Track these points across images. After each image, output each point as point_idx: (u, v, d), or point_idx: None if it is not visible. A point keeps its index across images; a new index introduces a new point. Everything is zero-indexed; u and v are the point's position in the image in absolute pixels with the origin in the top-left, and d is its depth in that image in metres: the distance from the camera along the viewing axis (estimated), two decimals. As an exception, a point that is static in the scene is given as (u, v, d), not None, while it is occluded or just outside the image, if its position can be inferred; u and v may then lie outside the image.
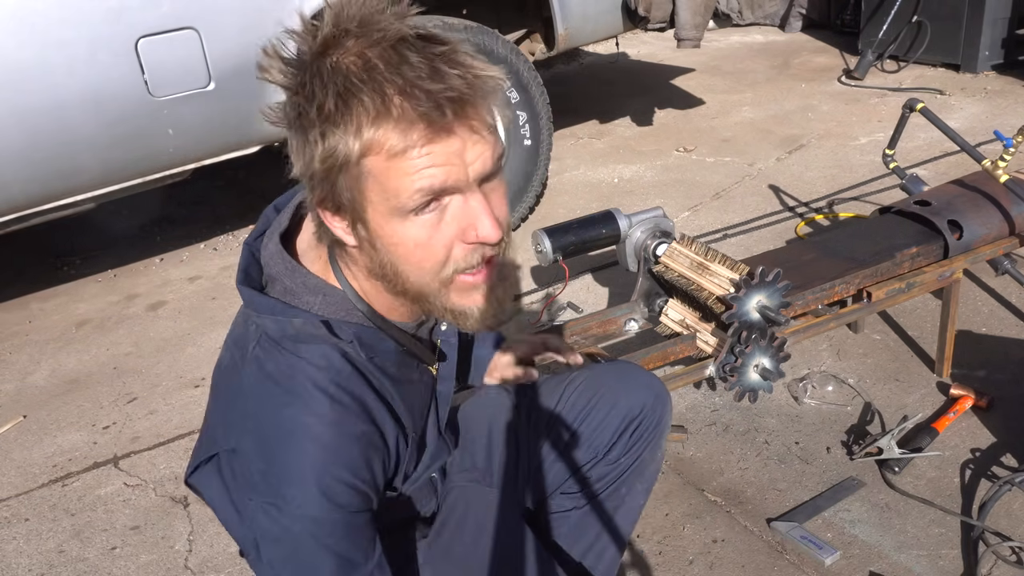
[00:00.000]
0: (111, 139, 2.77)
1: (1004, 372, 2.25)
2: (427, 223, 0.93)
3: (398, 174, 0.90)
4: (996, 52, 4.91)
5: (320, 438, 0.97)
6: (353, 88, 0.87)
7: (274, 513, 0.98)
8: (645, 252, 1.87)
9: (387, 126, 0.87)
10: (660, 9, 3.65)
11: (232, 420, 1.04)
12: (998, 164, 2.04)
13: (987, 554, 1.69)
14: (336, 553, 0.99)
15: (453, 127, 0.89)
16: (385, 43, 0.88)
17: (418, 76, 0.87)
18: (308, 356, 0.99)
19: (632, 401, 1.39)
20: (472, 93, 0.90)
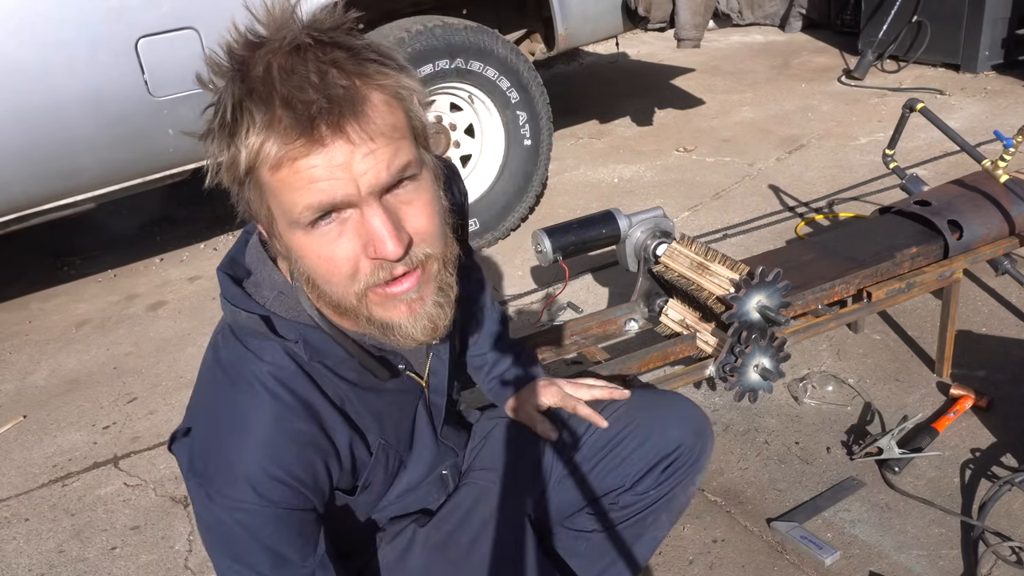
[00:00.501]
0: (111, 139, 2.77)
1: (1004, 372, 2.25)
2: (327, 236, 0.90)
3: (286, 188, 0.88)
4: (996, 52, 4.91)
5: (255, 432, 0.98)
6: (247, 98, 0.86)
7: (206, 500, 0.98)
8: (645, 252, 1.87)
9: (270, 138, 0.85)
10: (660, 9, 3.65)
11: (193, 401, 1.07)
12: (998, 164, 2.04)
13: (987, 554, 1.69)
14: (267, 547, 1.00)
15: (333, 139, 0.85)
16: (284, 50, 0.86)
17: (302, 85, 0.84)
18: (256, 350, 1.00)
19: (669, 436, 1.34)
20: (357, 101, 0.86)
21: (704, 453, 1.38)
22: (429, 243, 0.95)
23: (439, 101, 3.36)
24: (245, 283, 1.05)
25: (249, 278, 1.06)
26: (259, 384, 0.99)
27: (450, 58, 3.18)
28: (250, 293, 1.04)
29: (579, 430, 1.38)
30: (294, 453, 0.99)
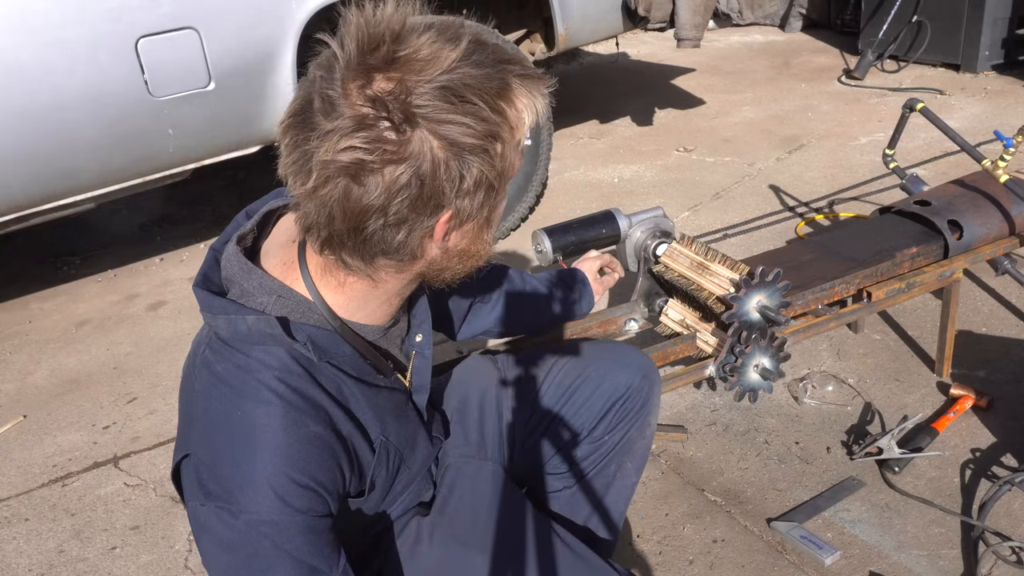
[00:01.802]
0: (111, 139, 2.77)
1: (1004, 372, 2.25)
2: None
3: (504, 195, 0.97)
4: (996, 52, 4.91)
5: (272, 439, 0.94)
6: (502, 126, 0.91)
7: (227, 518, 0.94)
8: (645, 252, 1.87)
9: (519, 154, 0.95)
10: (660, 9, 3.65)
11: (187, 424, 1.02)
12: (998, 164, 2.04)
13: (987, 554, 1.69)
14: (297, 559, 0.95)
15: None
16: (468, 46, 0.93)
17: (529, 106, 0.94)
18: (258, 356, 0.97)
19: (618, 380, 1.39)
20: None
21: (653, 393, 1.44)
22: None
23: (439, 101, 3.35)
24: (229, 295, 1.02)
25: (230, 290, 1.03)
26: (268, 391, 0.96)
27: (450, 58, 3.18)
28: (240, 302, 1.00)
29: (537, 382, 1.40)
30: (314, 457, 0.97)
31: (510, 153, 0.91)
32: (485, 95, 0.86)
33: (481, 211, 0.94)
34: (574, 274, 1.65)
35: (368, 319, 1.05)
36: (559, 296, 1.59)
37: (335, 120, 0.84)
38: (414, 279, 1.03)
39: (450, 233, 0.95)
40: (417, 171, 0.86)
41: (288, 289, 1.00)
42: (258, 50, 2.92)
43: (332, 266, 0.98)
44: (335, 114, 0.85)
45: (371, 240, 0.92)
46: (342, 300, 1.01)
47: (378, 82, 0.84)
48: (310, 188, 0.88)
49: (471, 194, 0.91)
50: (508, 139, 0.90)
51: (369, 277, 0.98)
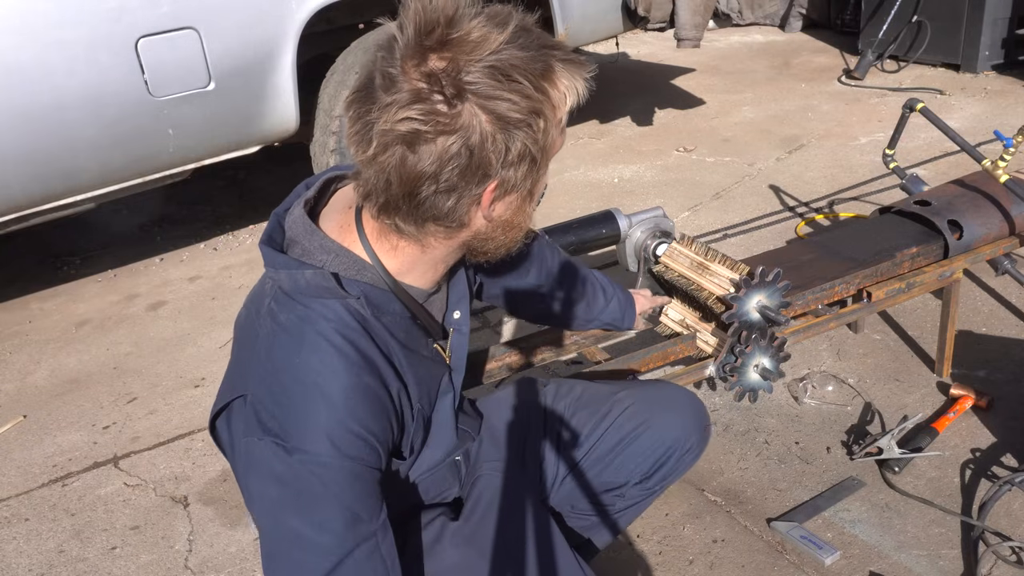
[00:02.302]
0: (111, 139, 2.77)
1: (1004, 372, 2.25)
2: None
3: (546, 171, 1.04)
4: (996, 52, 4.91)
5: (329, 388, 1.00)
6: (544, 104, 0.98)
7: (282, 454, 0.99)
8: (645, 252, 1.87)
9: (563, 108, 1.01)
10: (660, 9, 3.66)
11: (247, 368, 1.08)
12: (998, 164, 2.04)
13: (987, 554, 1.69)
14: (342, 502, 1.00)
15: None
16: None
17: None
18: (317, 309, 1.03)
19: (680, 435, 1.43)
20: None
21: (705, 447, 1.49)
22: None
23: (439, 101, 3.35)
24: (290, 252, 1.09)
25: (291, 249, 1.10)
26: (326, 341, 1.01)
27: (450, 58, 3.17)
28: (301, 260, 1.08)
29: (595, 422, 1.44)
30: (368, 408, 1.02)
31: (552, 130, 0.99)
32: (530, 75, 0.95)
33: (524, 183, 1.01)
34: (626, 291, 1.73)
35: (416, 282, 1.12)
36: (616, 306, 1.67)
37: (394, 94, 0.93)
38: (460, 247, 1.10)
39: (495, 202, 1.02)
40: (466, 142, 0.94)
41: (345, 249, 1.07)
42: (258, 50, 2.92)
43: (387, 230, 1.05)
44: (394, 89, 0.93)
45: (423, 205, 0.99)
46: (394, 263, 1.08)
47: (433, 61, 0.92)
48: (370, 155, 0.96)
49: (515, 165, 0.98)
50: (550, 117, 0.98)
51: (419, 242, 1.06)
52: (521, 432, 1.43)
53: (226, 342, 2.85)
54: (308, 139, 3.31)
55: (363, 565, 1.01)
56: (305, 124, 3.21)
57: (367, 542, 1.01)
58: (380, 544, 1.03)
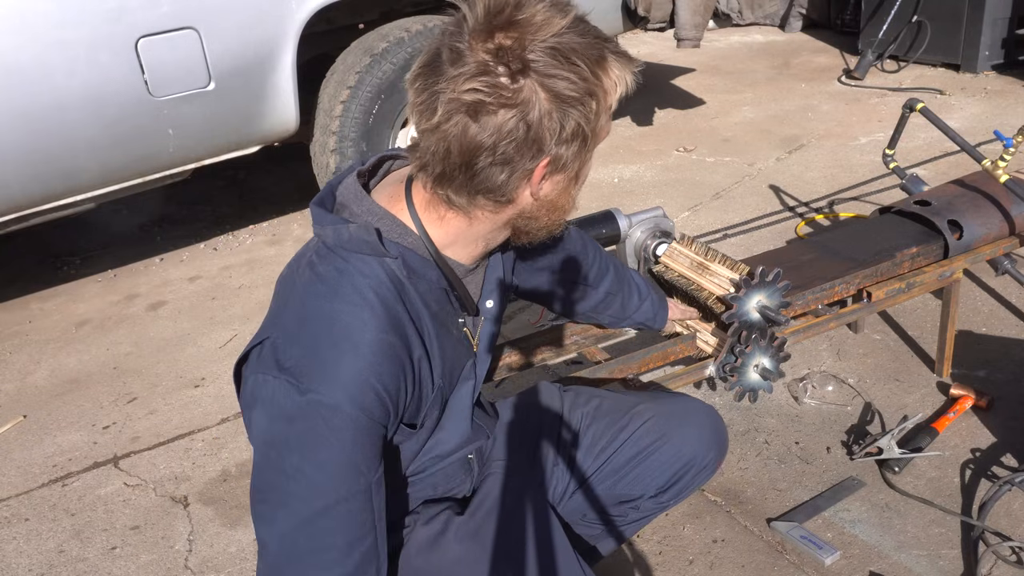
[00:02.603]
0: (111, 139, 2.77)
1: (1004, 372, 2.25)
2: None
3: (592, 155, 1.09)
4: (996, 52, 4.91)
5: (354, 339, 1.03)
6: (598, 87, 1.04)
7: (294, 393, 1.01)
8: (645, 252, 1.87)
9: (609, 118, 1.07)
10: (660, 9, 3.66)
11: (279, 313, 1.11)
12: (998, 164, 2.04)
13: (987, 554, 1.69)
14: (344, 449, 1.02)
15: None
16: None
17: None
18: (356, 264, 1.07)
19: (698, 451, 1.44)
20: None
21: (721, 463, 1.50)
22: None
23: (439, 101, 3.35)
24: (339, 214, 1.14)
25: (339, 213, 1.14)
26: (359, 295, 1.05)
27: (450, 58, 3.17)
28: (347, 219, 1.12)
29: (612, 434, 1.44)
30: (387, 366, 1.05)
31: (603, 115, 1.05)
32: (586, 59, 1.00)
33: (573, 163, 1.06)
34: (661, 293, 1.75)
35: (456, 255, 1.15)
36: (650, 306, 1.70)
37: (461, 67, 0.98)
38: (505, 225, 1.13)
39: (544, 180, 1.06)
40: (525, 116, 0.99)
41: (391, 215, 1.11)
42: (258, 50, 2.92)
43: (436, 201, 1.09)
44: (461, 62, 0.98)
45: (478, 176, 1.03)
46: (439, 233, 1.12)
47: (499, 39, 0.98)
48: (434, 123, 1.00)
49: (568, 143, 1.03)
50: (602, 100, 1.04)
51: (467, 215, 1.09)
52: (536, 437, 1.43)
53: (226, 342, 2.85)
54: (308, 139, 3.31)
55: (353, 511, 1.04)
56: (305, 124, 3.21)
57: (361, 492, 1.04)
58: (372, 497, 1.06)
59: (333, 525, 1.03)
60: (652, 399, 1.51)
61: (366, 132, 3.15)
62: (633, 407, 1.46)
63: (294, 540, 1.03)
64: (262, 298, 3.14)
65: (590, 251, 1.56)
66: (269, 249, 3.57)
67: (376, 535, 1.07)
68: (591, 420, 1.46)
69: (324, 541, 1.03)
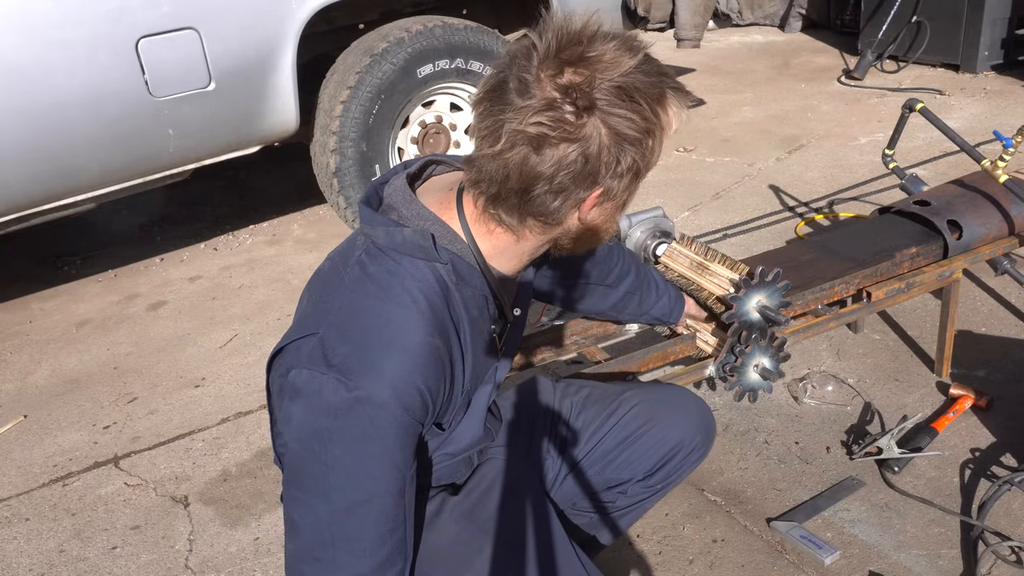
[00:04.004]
0: (111, 139, 2.77)
1: (1004, 372, 2.25)
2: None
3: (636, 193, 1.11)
4: (996, 52, 4.92)
5: (404, 340, 1.06)
6: (656, 127, 1.06)
7: (341, 389, 1.04)
8: (645, 252, 1.87)
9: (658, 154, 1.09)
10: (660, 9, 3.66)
11: (325, 310, 1.12)
12: (997, 164, 2.04)
13: (987, 554, 1.69)
14: (386, 446, 1.05)
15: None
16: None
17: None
18: (407, 266, 1.10)
19: (684, 435, 1.46)
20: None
21: (710, 449, 1.52)
22: None
23: (439, 101, 3.36)
24: (385, 214, 1.16)
25: (387, 214, 1.15)
26: (409, 297, 1.08)
27: (450, 58, 3.18)
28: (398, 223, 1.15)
29: (601, 420, 1.47)
30: (432, 367, 1.08)
31: (658, 149, 1.09)
32: (648, 98, 1.03)
33: (624, 194, 1.09)
34: (676, 290, 1.78)
35: (501, 267, 1.18)
36: (667, 302, 1.73)
37: (528, 100, 1.00)
38: (549, 242, 1.16)
39: (595, 208, 1.09)
40: (585, 151, 1.02)
41: (441, 220, 1.14)
42: (258, 50, 2.92)
43: (487, 217, 1.12)
44: (528, 95, 1.00)
45: (533, 203, 1.07)
46: (487, 245, 1.15)
47: (568, 74, 1.00)
48: (497, 151, 1.03)
49: (621, 177, 1.06)
50: (659, 137, 1.07)
51: (515, 233, 1.12)
52: (528, 426, 1.46)
53: (226, 342, 2.85)
54: (308, 139, 3.31)
55: (388, 506, 1.07)
56: (305, 124, 3.21)
57: (397, 488, 1.07)
58: (406, 492, 1.09)
59: (368, 517, 1.06)
60: (641, 387, 1.54)
61: (366, 132, 3.15)
62: (621, 394, 1.49)
63: (328, 527, 1.06)
64: (262, 298, 3.14)
65: (615, 254, 1.60)
66: (269, 249, 3.57)
67: (406, 528, 1.10)
68: (581, 408, 1.48)
69: (358, 532, 1.06)
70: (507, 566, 1.23)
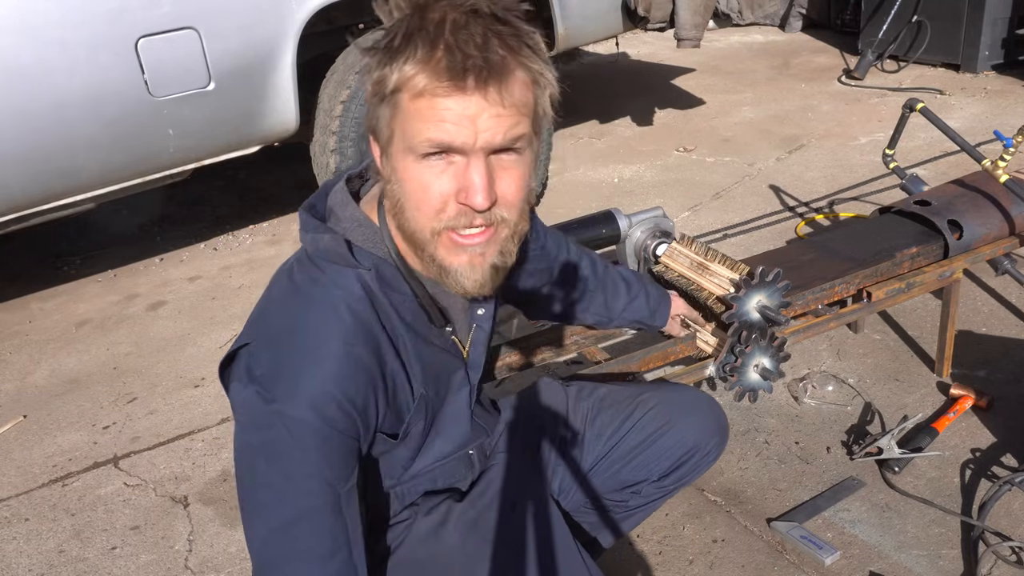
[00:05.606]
0: (111, 139, 2.77)
1: (1004, 372, 2.25)
2: (432, 169, 1.01)
3: (418, 117, 0.98)
4: (996, 52, 4.91)
5: (323, 351, 1.03)
6: (418, 33, 0.97)
7: (261, 402, 1.02)
8: (645, 252, 1.87)
9: (423, 71, 0.97)
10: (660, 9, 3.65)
11: (255, 320, 1.12)
12: (998, 164, 2.04)
13: (987, 554, 1.69)
14: (308, 459, 1.02)
15: (474, 93, 0.96)
16: (463, 9, 0.98)
17: (467, 41, 0.96)
18: (331, 274, 1.07)
19: (700, 437, 1.45)
20: (505, 71, 0.98)
21: (722, 450, 1.51)
22: (509, 210, 1.05)
23: (439, 101, 3.35)
24: (329, 221, 1.14)
25: (329, 220, 1.14)
26: (331, 307, 1.05)
27: (450, 58, 3.17)
28: (330, 226, 1.12)
29: (618, 428, 1.45)
30: (354, 378, 1.05)
31: (392, 81, 1.01)
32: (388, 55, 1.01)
33: (386, 130, 1.04)
34: (661, 291, 1.69)
35: (421, 269, 1.13)
36: (642, 304, 1.64)
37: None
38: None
39: (382, 157, 1.07)
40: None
41: (370, 221, 1.12)
42: (258, 50, 2.92)
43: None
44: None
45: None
46: (403, 244, 1.11)
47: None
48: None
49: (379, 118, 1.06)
50: (389, 77, 1.01)
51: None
52: (540, 430, 1.44)
53: (226, 342, 2.85)
54: (308, 139, 3.30)
55: (323, 523, 1.04)
56: (305, 124, 3.21)
57: (330, 503, 1.04)
58: (344, 508, 1.05)
59: (303, 536, 1.03)
60: (655, 388, 1.53)
61: (366, 132, 3.14)
62: (638, 396, 1.48)
63: (270, 548, 1.04)
64: (262, 298, 3.14)
65: (555, 249, 1.51)
66: (269, 249, 3.57)
67: (351, 548, 1.06)
68: (597, 411, 1.47)
69: (297, 550, 1.03)
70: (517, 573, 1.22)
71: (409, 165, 1.01)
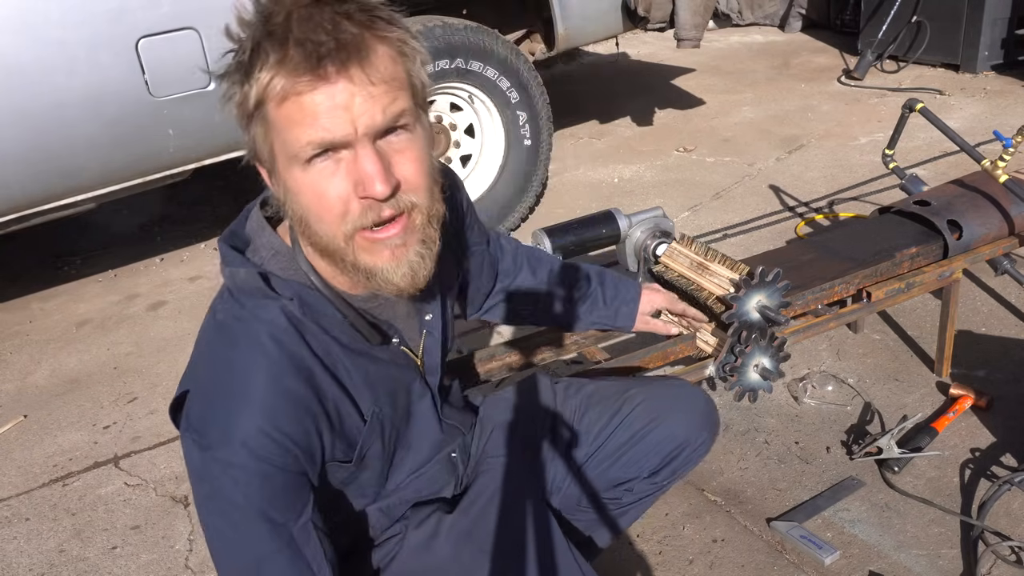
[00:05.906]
0: (111, 139, 2.77)
1: (1004, 372, 2.25)
2: (322, 173, 0.95)
3: (289, 123, 0.93)
4: (996, 52, 4.91)
5: (250, 389, 0.99)
6: (264, 40, 0.92)
7: (197, 450, 1.00)
8: (645, 252, 1.87)
9: (279, 73, 0.91)
10: (660, 9, 3.65)
11: (190, 363, 1.09)
12: (997, 164, 2.04)
13: (987, 554, 1.69)
14: (251, 503, 0.99)
15: (337, 78, 0.90)
16: (304, 2, 0.92)
17: (315, 29, 0.90)
18: (251, 308, 1.03)
19: (691, 432, 1.43)
20: (364, 48, 0.91)
21: (713, 444, 1.49)
22: (416, 192, 0.99)
23: (439, 101, 3.35)
24: (246, 252, 1.09)
25: (248, 248, 1.10)
26: (254, 343, 1.01)
27: (450, 58, 3.18)
28: (249, 257, 1.08)
29: (606, 425, 1.44)
30: (287, 412, 1.01)
31: (254, 99, 0.97)
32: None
33: (263, 147, 1.00)
34: (629, 288, 1.63)
35: (343, 286, 1.08)
36: (594, 305, 1.59)
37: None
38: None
39: (264, 171, 1.04)
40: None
41: (285, 247, 1.07)
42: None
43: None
44: None
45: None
46: (321, 264, 1.06)
47: None
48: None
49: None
50: (252, 94, 0.97)
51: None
52: (529, 429, 1.42)
53: (226, 342, 2.85)
54: (308, 139, 3.30)
55: (282, 566, 1.01)
56: (305, 124, 3.20)
57: (284, 544, 1.01)
58: (301, 546, 1.02)
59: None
60: (642, 384, 1.51)
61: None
62: (625, 392, 1.46)
63: None
64: (262, 298, 3.14)
65: (497, 252, 1.48)
66: (269, 249, 3.56)
67: None
68: (584, 408, 1.45)
69: None
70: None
71: (298, 176, 0.95)
